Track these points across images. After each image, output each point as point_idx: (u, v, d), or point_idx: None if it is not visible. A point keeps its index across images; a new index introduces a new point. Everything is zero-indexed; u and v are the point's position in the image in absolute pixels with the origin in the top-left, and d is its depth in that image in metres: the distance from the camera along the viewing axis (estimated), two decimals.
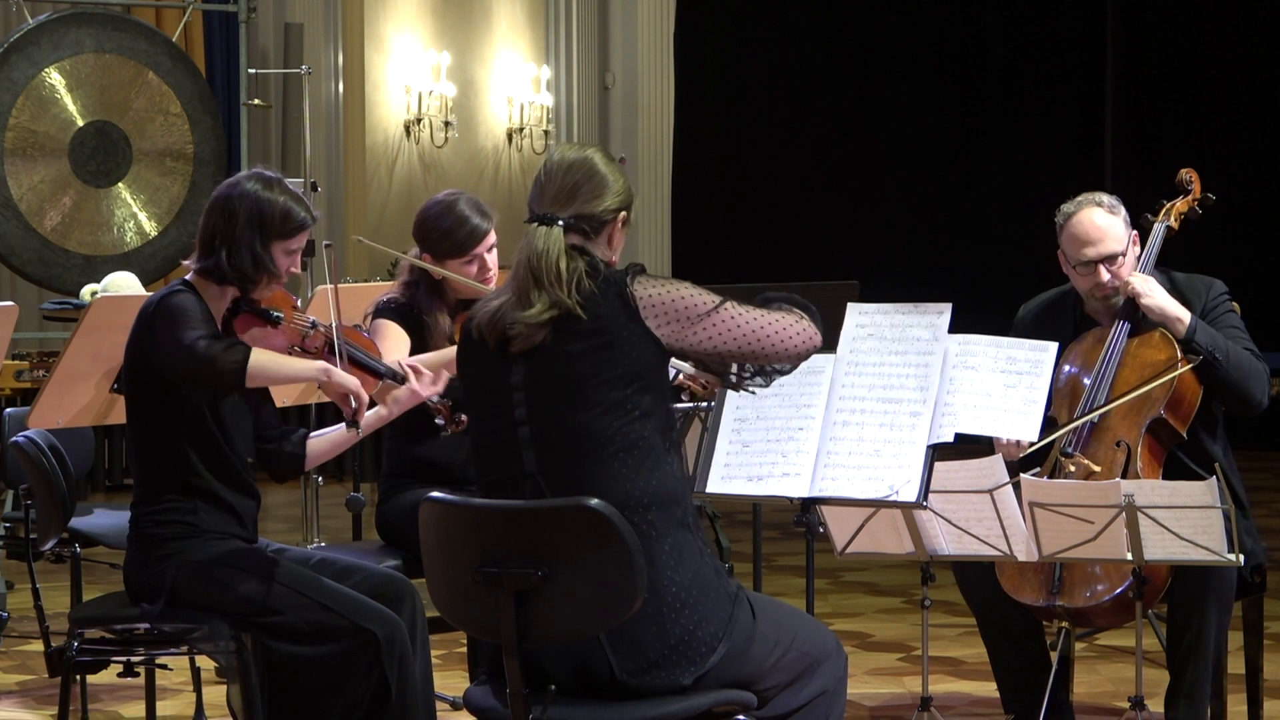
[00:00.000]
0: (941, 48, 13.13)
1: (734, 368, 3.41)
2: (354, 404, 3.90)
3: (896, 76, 13.13)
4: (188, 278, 3.99)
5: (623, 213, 3.43)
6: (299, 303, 4.15)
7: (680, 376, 4.33)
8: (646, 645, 3.21)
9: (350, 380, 3.90)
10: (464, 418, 4.18)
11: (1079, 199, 4.57)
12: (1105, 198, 4.56)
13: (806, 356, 3.42)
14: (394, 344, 4.58)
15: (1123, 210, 4.55)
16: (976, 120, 13.15)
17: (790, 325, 3.38)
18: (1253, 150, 11.79)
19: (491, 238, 4.70)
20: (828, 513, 4.21)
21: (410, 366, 4.13)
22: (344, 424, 4.04)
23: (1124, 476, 4.29)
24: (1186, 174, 4.73)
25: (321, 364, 3.91)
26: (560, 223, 3.34)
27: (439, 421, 4.18)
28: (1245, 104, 12.02)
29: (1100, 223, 4.50)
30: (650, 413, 3.27)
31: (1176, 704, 4.32)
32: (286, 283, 4.07)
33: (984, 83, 13.12)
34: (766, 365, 3.40)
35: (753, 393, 3.47)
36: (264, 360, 3.80)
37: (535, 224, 3.36)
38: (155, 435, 3.96)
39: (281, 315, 3.99)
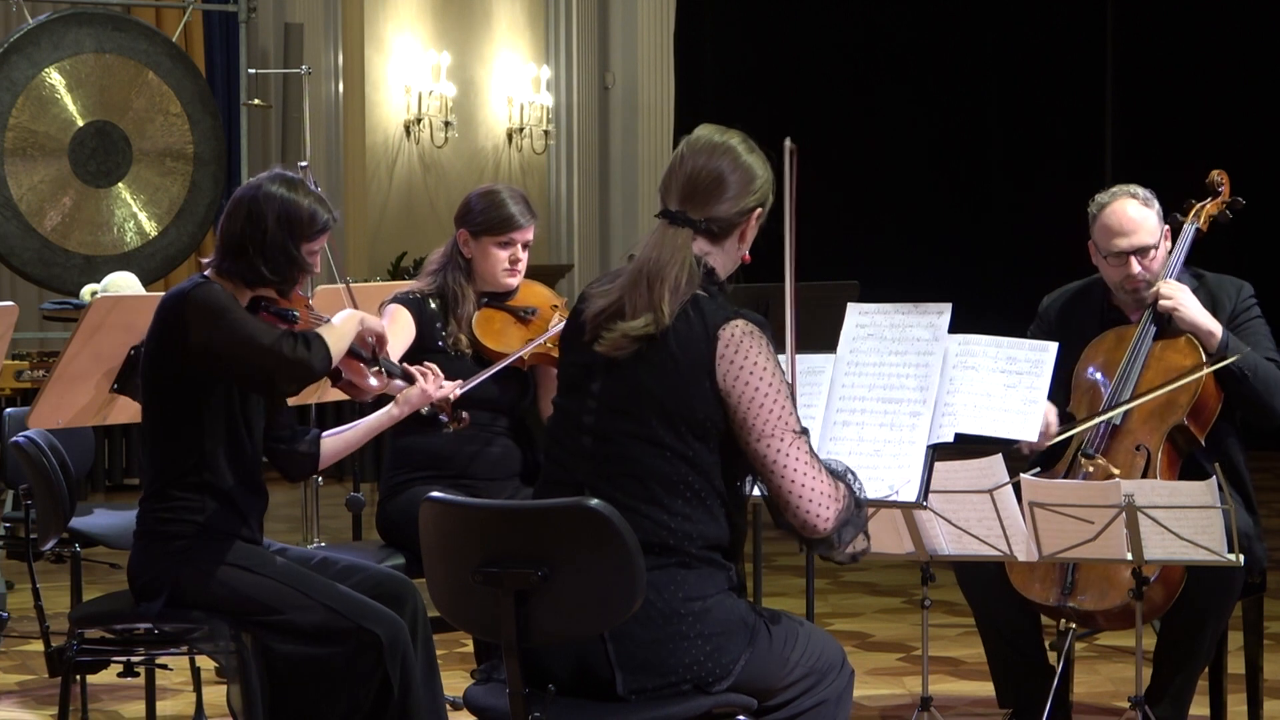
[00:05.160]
0: (941, 48, 13.11)
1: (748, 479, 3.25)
2: (373, 343, 4.06)
3: (896, 76, 13.12)
4: (206, 274, 3.99)
5: (758, 210, 3.29)
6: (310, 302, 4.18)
7: None
8: (654, 669, 3.17)
9: (377, 321, 4.06)
10: (465, 415, 4.36)
11: (1113, 190, 4.55)
12: (1140, 190, 4.54)
13: (804, 536, 3.20)
14: (397, 330, 4.64)
15: (1157, 204, 4.53)
16: (977, 120, 13.14)
17: (827, 504, 3.17)
18: (1254, 151, 11.79)
19: (529, 234, 4.78)
20: None
21: (420, 370, 4.26)
22: (357, 423, 4.24)
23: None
24: (1218, 175, 4.69)
25: (354, 312, 4.05)
26: (690, 225, 3.21)
27: (442, 418, 4.31)
28: (1246, 105, 12.01)
29: (1134, 214, 4.49)
30: (700, 463, 3.18)
31: (1162, 703, 4.33)
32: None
33: (984, 83, 13.11)
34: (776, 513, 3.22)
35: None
36: (332, 341, 3.91)
37: (665, 221, 3.23)
38: (173, 431, 3.95)
39: (298, 314, 4.02)
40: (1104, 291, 4.61)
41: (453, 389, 4.31)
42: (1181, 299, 4.43)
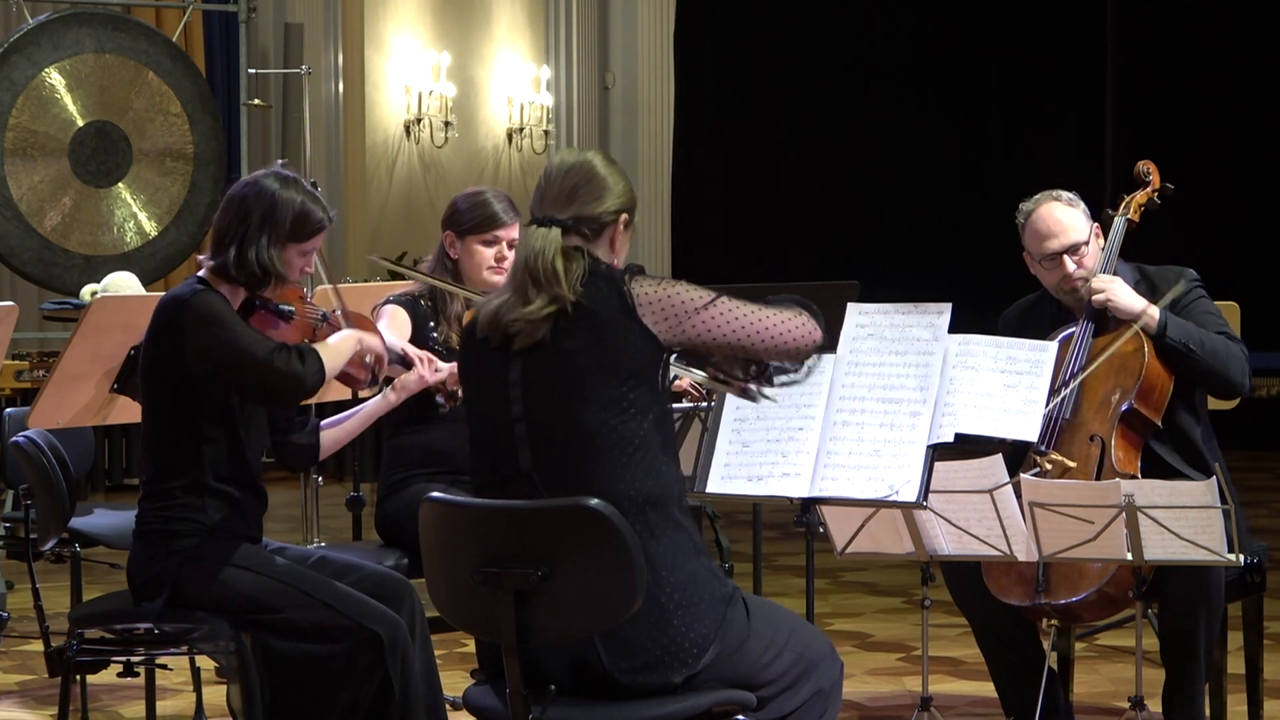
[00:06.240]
0: (942, 49, 13.12)
1: (739, 371, 3.38)
2: (372, 363, 4.01)
3: (897, 76, 13.12)
4: (202, 274, 3.99)
5: (623, 215, 3.41)
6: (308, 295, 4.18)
7: (682, 381, 4.41)
8: (639, 646, 3.20)
9: (374, 340, 4.03)
10: (460, 393, 4.36)
11: (1037, 196, 4.64)
12: (1063, 193, 4.62)
13: (806, 354, 3.39)
14: (396, 326, 4.74)
15: (1081, 204, 4.61)
16: (976, 120, 13.14)
17: (787, 320, 3.36)
18: (1255, 150, 11.79)
19: (513, 232, 4.88)
20: (828, 513, 4.21)
21: (418, 356, 4.29)
22: (355, 410, 4.16)
23: (1100, 470, 4.32)
24: (1144, 165, 4.77)
25: (352, 332, 4.03)
26: (557, 225, 3.34)
27: (439, 399, 4.35)
28: (1247, 104, 12.01)
29: (1060, 215, 4.55)
30: (646, 409, 3.26)
31: (1171, 703, 4.34)
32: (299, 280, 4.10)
33: (984, 83, 13.11)
34: (769, 364, 3.37)
35: (766, 399, 3.46)
36: (328, 357, 3.91)
37: (533, 225, 3.37)
38: (173, 432, 3.95)
39: (294, 310, 4.03)
40: (1055, 299, 4.64)
41: (448, 370, 4.37)
42: (1113, 289, 4.46)
